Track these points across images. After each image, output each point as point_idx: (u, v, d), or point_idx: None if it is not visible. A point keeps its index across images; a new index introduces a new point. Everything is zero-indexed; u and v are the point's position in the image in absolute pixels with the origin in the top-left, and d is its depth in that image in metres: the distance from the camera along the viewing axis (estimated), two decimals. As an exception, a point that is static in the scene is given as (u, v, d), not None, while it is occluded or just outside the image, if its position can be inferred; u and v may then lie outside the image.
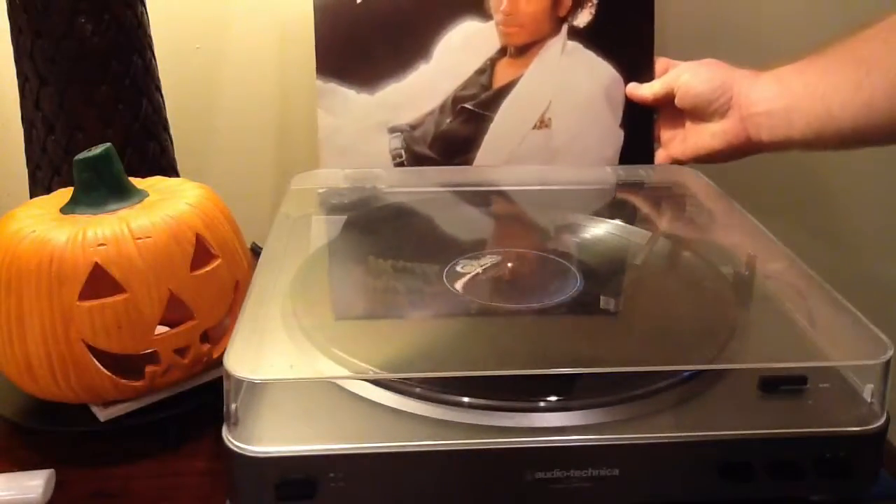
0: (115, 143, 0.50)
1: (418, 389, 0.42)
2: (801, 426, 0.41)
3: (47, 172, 0.64)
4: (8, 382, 0.49)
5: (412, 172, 0.71)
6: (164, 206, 0.49)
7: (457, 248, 0.57)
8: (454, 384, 0.42)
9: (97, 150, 0.49)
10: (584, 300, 0.51)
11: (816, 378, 0.44)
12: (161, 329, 0.48)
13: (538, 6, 0.70)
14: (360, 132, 0.70)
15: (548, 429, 0.40)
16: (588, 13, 0.70)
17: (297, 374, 0.43)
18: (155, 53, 0.66)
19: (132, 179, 0.52)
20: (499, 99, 0.71)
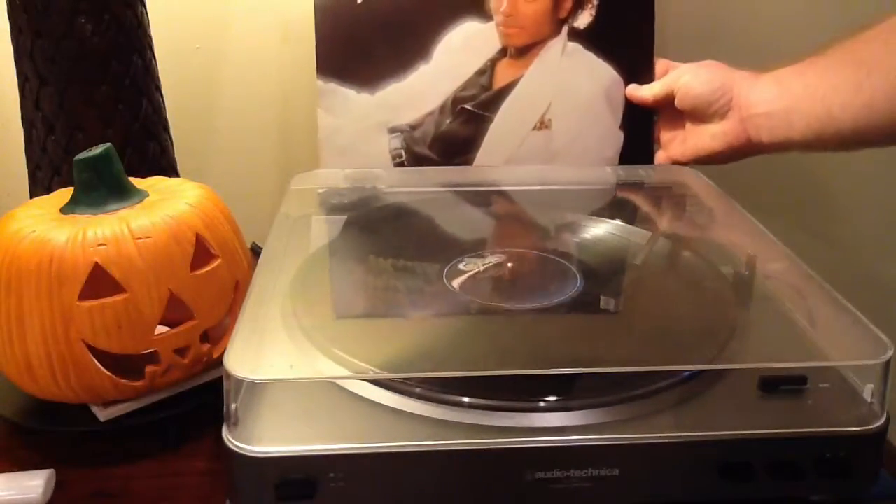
0: (115, 143, 0.50)
1: (418, 389, 0.42)
2: (801, 426, 0.41)
3: (47, 172, 0.64)
4: (8, 382, 0.49)
5: (412, 172, 0.71)
6: (164, 206, 0.49)
7: (457, 248, 0.57)
8: (454, 384, 0.42)
9: (97, 150, 0.49)
10: (584, 300, 0.51)
11: (816, 378, 0.44)
12: (161, 329, 0.48)
13: (538, 7, 0.70)
14: (361, 132, 0.70)
15: (548, 429, 0.40)
16: (588, 14, 0.70)
17: (297, 374, 0.43)
18: (155, 53, 0.66)
19: (132, 179, 0.52)
20: (499, 100, 0.71)
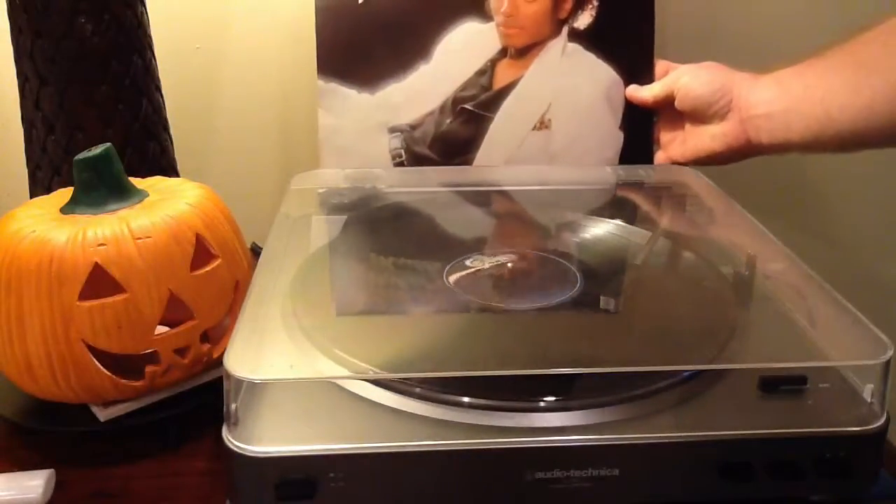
0: (115, 143, 0.50)
1: (418, 389, 0.42)
2: (801, 426, 0.41)
3: (47, 172, 0.64)
4: (8, 382, 0.49)
5: (412, 172, 0.71)
6: (164, 206, 0.49)
7: (457, 248, 0.57)
8: (454, 384, 0.42)
9: (97, 150, 0.49)
10: (584, 300, 0.51)
11: (816, 378, 0.44)
12: (161, 329, 0.48)
13: (539, 8, 0.70)
14: (361, 132, 0.70)
15: (548, 429, 0.40)
16: (588, 15, 0.70)
17: (297, 374, 0.43)
18: (155, 53, 0.66)
19: (132, 179, 0.52)
20: (499, 100, 0.71)
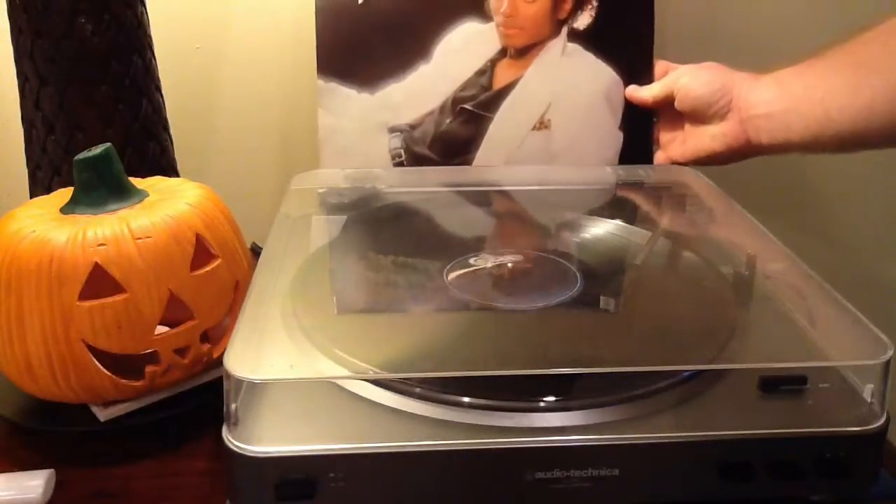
0: (115, 143, 0.50)
1: (418, 389, 0.42)
2: (801, 426, 0.41)
3: (47, 172, 0.64)
4: (8, 382, 0.49)
5: (412, 172, 0.71)
6: (164, 206, 0.49)
7: (457, 248, 0.57)
8: (454, 384, 0.42)
9: (97, 150, 0.49)
10: (584, 300, 0.51)
11: (816, 378, 0.44)
12: (161, 329, 0.48)
13: (538, 8, 0.70)
14: (361, 132, 0.70)
15: (548, 429, 0.40)
16: (588, 15, 0.70)
17: (297, 374, 0.43)
18: (155, 53, 0.66)
19: (132, 179, 0.52)
20: (498, 100, 0.71)
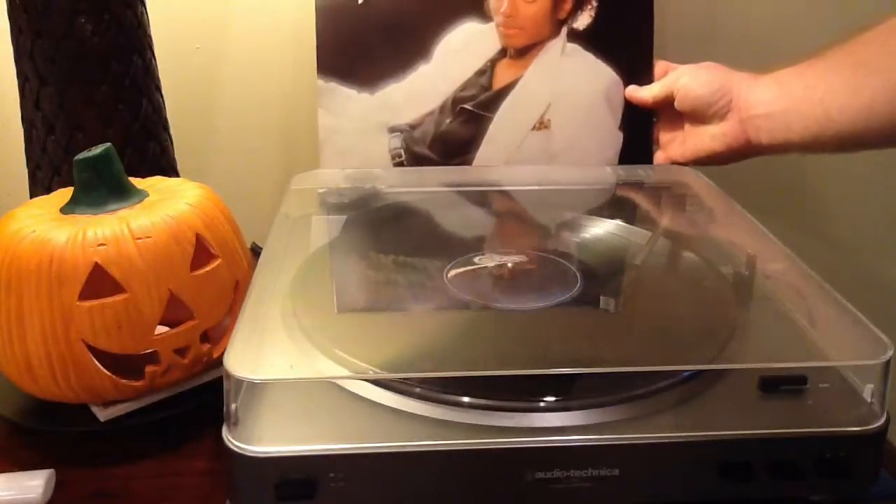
0: (115, 143, 0.50)
1: (418, 389, 0.42)
2: (801, 426, 0.41)
3: (47, 172, 0.64)
4: (8, 382, 0.49)
5: (412, 172, 0.71)
6: (164, 206, 0.49)
7: (457, 248, 0.57)
8: (454, 384, 0.42)
9: (97, 150, 0.49)
10: (584, 300, 0.51)
11: (816, 378, 0.44)
12: (161, 329, 0.48)
13: (538, 8, 0.70)
14: (361, 132, 0.70)
15: (548, 429, 0.40)
16: (588, 16, 0.70)
17: (297, 374, 0.43)
18: (155, 53, 0.66)
19: (132, 179, 0.52)
20: (498, 100, 0.71)
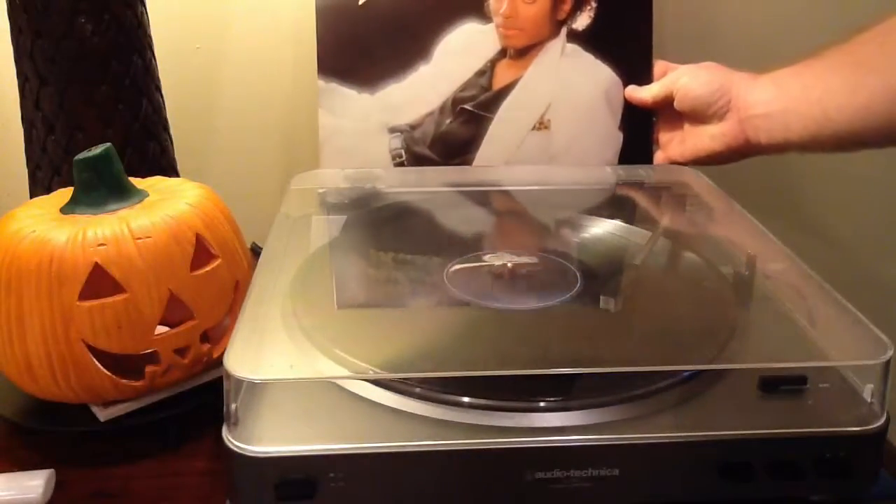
0: (115, 143, 0.50)
1: (418, 389, 0.42)
2: (801, 426, 0.41)
3: (47, 172, 0.64)
4: (8, 382, 0.49)
5: (412, 172, 0.71)
6: (164, 206, 0.49)
7: (457, 248, 0.57)
8: (454, 384, 0.42)
9: (97, 150, 0.49)
10: (584, 300, 0.51)
11: (816, 378, 0.44)
12: (161, 329, 0.48)
13: (538, 9, 0.70)
14: (361, 132, 0.70)
15: (548, 429, 0.40)
16: (587, 16, 0.70)
17: (297, 374, 0.43)
18: (155, 53, 0.66)
19: (132, 179, 0.52)
20: (498, 100, 0.71)
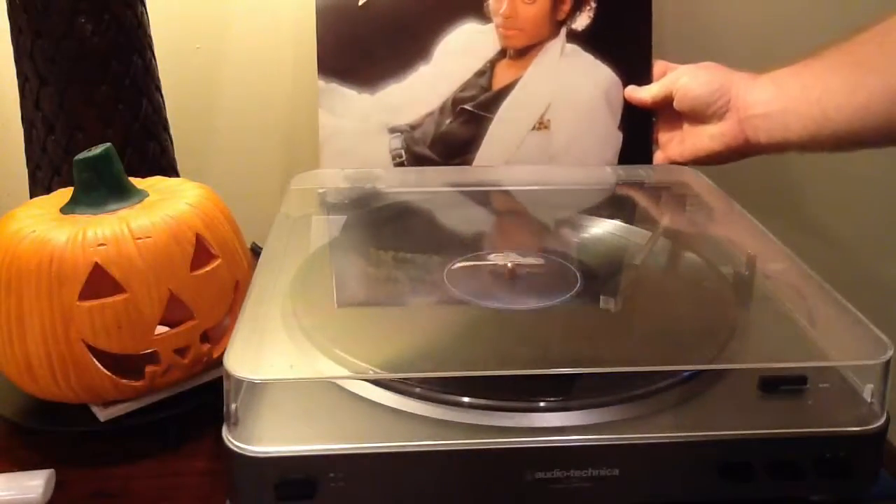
0: (115, 143, 0.50)
1: (418, 389, 0.42)
2: (801, 426, 0.41)
3: (47, 172, 0.64)
4: (8, 382, 0.49)
5: (412, 172, 0.71)
6: (164, 206, 0.49)
7: (457, 248, 0.57)
8: (454, 384, 0.42)
9: (97, 150, 0.49)
10: (584, 300, 0.51)
11: (816, 378, 0.44)
12: (161, 329, 0.48)
13: (537, 9, 0.70)
14: (361, 132, 0.70)
15: (548, 429, 0.40)
16: (586, 16, 0.70)
17: (297, 374, 0.43)
18: (155, 53, 0.66)
19: (132, 179, 0.52)
20: (498, 100, 0.71)
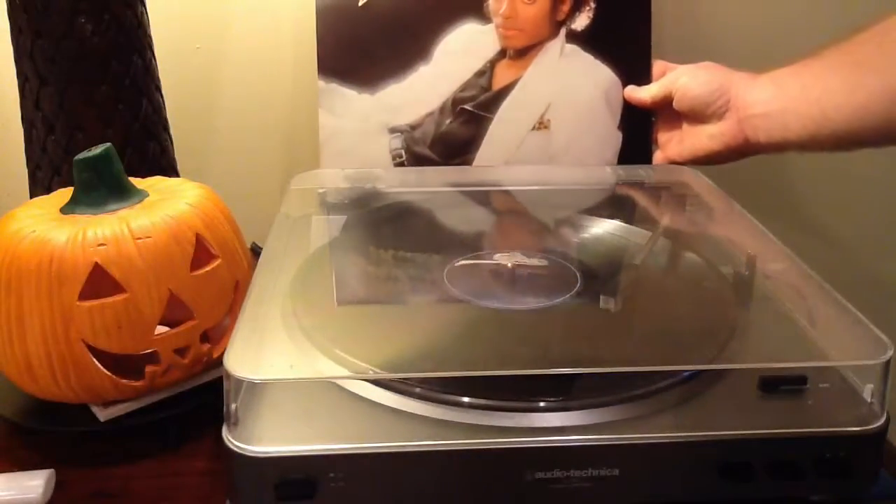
0: (115, 143, 0.50)
1: (418, 389, 0.42)
2: (801, 426, 0.41)
3: (47, 172, 0.64)
4: (8, 382, 0.49)
5: (412, 172, 0.71)
6: (164, 206, 0.49)
7: (457, 248, 0.57)
8: (454, 384, 0.42)
9: (97, 150, 0.49)
10: (584, 300, 0.51)
11: (816, 378, 0.44)
12: (161, 329, 0.48)
13: (537, 10, 0.70)
14: (361, 132, 0.70)
15: (548, 429, 0.40)
16: (586, 17, 0.71)
17: (297, 374, 0.43)
18: (155, 53, 0.66)
19: (132, 179, 0.52)
20: (498, 100, 0.71)
